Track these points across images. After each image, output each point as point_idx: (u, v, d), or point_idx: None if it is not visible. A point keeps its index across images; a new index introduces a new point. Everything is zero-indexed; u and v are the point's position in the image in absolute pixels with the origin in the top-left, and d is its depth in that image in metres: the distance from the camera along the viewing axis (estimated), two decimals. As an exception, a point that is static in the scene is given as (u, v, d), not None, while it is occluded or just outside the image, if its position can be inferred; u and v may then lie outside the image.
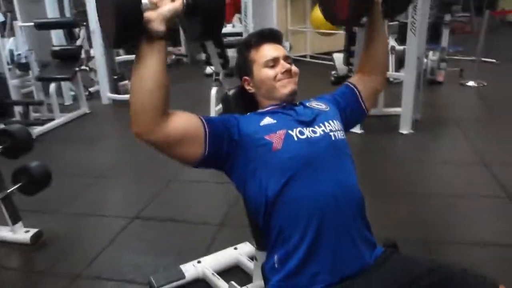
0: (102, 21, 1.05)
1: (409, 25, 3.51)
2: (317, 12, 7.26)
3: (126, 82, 5.82)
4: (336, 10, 1.36)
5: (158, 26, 0.99)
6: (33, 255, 2.24)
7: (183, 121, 1.10)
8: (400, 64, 4.91)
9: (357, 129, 3.80)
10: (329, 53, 5.85)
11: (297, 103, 1.30)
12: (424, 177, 2.96)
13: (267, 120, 1.20)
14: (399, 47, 4.59)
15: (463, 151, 3.34)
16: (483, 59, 5.70)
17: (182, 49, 8.70)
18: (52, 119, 4.47)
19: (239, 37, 4.99)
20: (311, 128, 1.18)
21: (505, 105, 4.58)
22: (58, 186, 2.57)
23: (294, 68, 1.28)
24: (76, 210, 2.68)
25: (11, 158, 2.32)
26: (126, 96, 5.09)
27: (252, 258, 1.99)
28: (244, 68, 1.32)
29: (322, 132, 1.18)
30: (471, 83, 5.46)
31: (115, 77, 5.58)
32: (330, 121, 1.23)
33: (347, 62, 3.90)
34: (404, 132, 3.75)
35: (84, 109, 4.93)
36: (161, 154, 1.11)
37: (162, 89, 1.02)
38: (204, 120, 1.13)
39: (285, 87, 1.25)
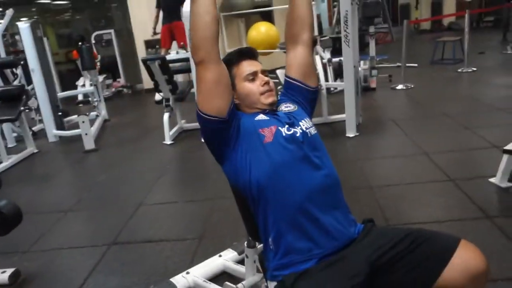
0: None
1: (343, 38, 3.86)
2: (253, 33, 7.61)
3: (72, 117, 5.74)
4: None
5: None
6: (14, 295, 2.20)
7: (228, 73, 1.36)
8: (336, 75, 5.32)
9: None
10: (270, 71, 6.16)
11: (276, 109, 1.48)
12: (376, 171, 3.26)
13: (261, 117, 1.38)
14: (335, 59, 4.98)
15: (404, 145, 3.70)
16: (407, 64, 6.29)
17: (122, 81, 8.67)
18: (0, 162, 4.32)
19: (184, 63, 5.15)
20: (293, 128, 1.37)
21: (431, 102, 5.11)
22: (24, 226, 2.52)
23: (271, 82, 1.46)
24: (49, 246, 2.65)
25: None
26: (73, 132, 5.05)
27: (238, 262, 2.13)
28: None
29: (301, 131, 1.37)
30: (400, 87, 6.01)
31: (60, 113, 5.48)
32: (303, 120, 1.42)
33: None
34: (351, 135, 4.07)
35: (32, 148, 4.80)
36: (203, 86, 1.29)
37: (215, 21, 1.27)
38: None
39: (267, 99, 1.43)
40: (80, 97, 7.65)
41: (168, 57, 4.86)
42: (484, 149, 3.41)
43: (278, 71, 4.63)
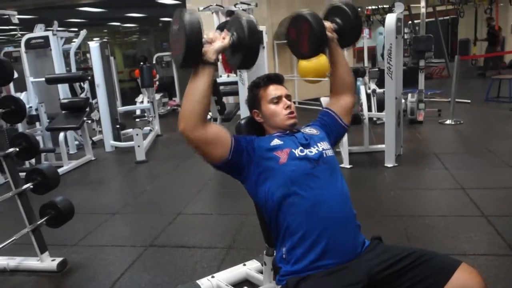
0: (173, 50, 1.44)
1: (386, 70, 3.97)
2: (304, 62, 7.84)
3: (128, 131, 6.19)
4: (300, 48, 1.71)
5: (211, 56, 1.38)
6: (61, 281, 2.46)
7: (217, 129, 1.47)
8: (380, 106, 5.38)
9: (346, 164, 4.16)
10: (317, 99, 6.33)
11: (296, 130, 1.65)
12: (409, 202, 3.28)
13: (276, 142, 1.54)
14: (379, 90, 5.06)
15: (442, 179, 3.69)
16: (457, 100, 6.21)
17: (177, 100, 9.18)
18: (61, 166, 4.76)
19: (234, 86, 5.44)
20: (308, 149, 1.52)
21: (479, 139, 5.01)
22: (75, 223, 2.83)
23: (293, 105, 1.63)
24: (94, 242, 2.93)
25: (40, 194, 2.61)
26: (128, 144, 5.44)
27: (260, 272, 2.27)
28: (254, 102, 1.67)
29: (316, 151, 1.52)
30: (448, 122, 5.93)
31: (118, 126, 5.95)
32: (322, 142, 1.57)
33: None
34: (389, 165, 4.11)
35: (90, 156, 5.24)
36: (195, 149, 1.44)
37: (206, 99, 1.38)
38: (233, 136, 1.51)
39: (289, 120, 1.60)
40: (137, 112, 8.21)
41: (219, 80, 5.17)
42: (525, 189, 3.34)
43: (322, 99, 4.78)
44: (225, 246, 2.72)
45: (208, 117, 5.05)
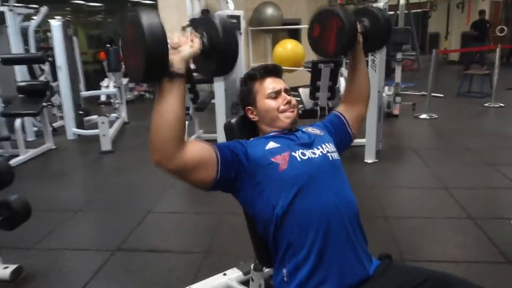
0: (128, 60, 1.15)
1: (370, 62, 3.80)
2: (279, 49, 7.63)
3: (92, 117, 5.80)
4: (323, 45, 1.53)
5: (179, 66, 1.10)
6: (14, 292, 2.17)
7: (198, 150, 1.19)
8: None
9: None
10: (292, 89, 6.14)
11: (295, 129, 1.43)
12: (393, 202, 3.16)
13: (272, 145, 1.32)
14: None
15: (424, 177, 3.60)
16: (432, 94, 6.18)
17: (145, 85, 8.76)
18: (17, 155, 4.36)
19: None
20: (311, 150, 1.31)
21: (455, 135, 4.98)
22: (32, 222, 2.50)
23: (293, 101, 1.41)
24: (54, 245, 2.63)
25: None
26: (92, 132, 5.08)
27: (242, 283, 2.06)
28: (248, 98, 1.44)
29: (320, 154, 1.32)
30: (423, 116, 5.89)
31: (81, 112, 5.55)
32: (326, 144, 1.37)
33: (313, 97, 4.13)
34: (369, 161, 3.98)
35: (50, 144, 4.84)
36: (178, 179, 1.19)
37: (180, 122, 1.12)
38: (216, 148, 1.24)
39: (288, 118, 1.38)
40: (102, 98, 7.76)
41: (192, 66, 4.87)
42: (507, 188, 3.29)
43: (301, 90, 4.59)
44: (201, 250, 2.49)
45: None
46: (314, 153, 1.31)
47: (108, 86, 7.41)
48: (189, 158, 1.15)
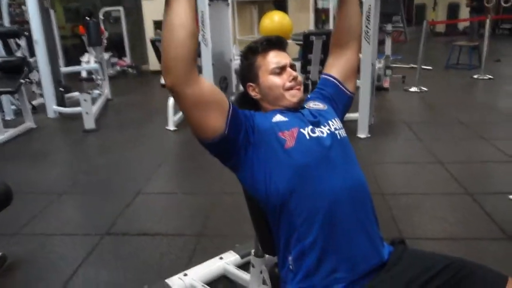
0: None
1: (363, 34, 3.67)
2: (266, 22, 7.40)
3: (74, 94, 5.57)
4: None
5: None
6: (0, 281, 2.05)
7: (212, 86, 1.15)
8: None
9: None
10: (281, 62, 5.99)
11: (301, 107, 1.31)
12: (388, 178, 3.10)
13: (279, 117, 1.22)
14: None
15: (418, 151, 3.54)
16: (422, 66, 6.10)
17: (127, 60, 8.48)
18: (-5, 135, 4.16)
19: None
20: (318, 128, 1.21)
21: (446, 108, 4.93)
22: (15, 206, 2.35)
23: (300, 77, 1.29)
24: (40, 230, 2.50)
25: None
26: (74, 109, 4.88)
27: (240, 266, 1.98)
28: (249, 74, 1.31)
29: (328, 131, 1.21)
30: (413, 89, 5.82)
31: (61, 89, 5.31)
32: (333, 120, 1.26)
33: (304, 70, 4.00)
34: (362, 136, 3.91)
35: (30, 123, 4.63)
36: (188, 115, 1.10)
37: (192, 38, 1.05)
38: (229, 100, 1.17)
39: (294, 96, 1.26)
40: (83, 74, 7.48)
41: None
42: (502, 162, 3.25)
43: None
44: (194, 233, 2.40)
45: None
46: (322, 132, 1.20)
47: (89, 62, 7.11)
48: (206, 87, 1.11)
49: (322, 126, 1.22)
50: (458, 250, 2.13)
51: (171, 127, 4.39)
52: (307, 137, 1.17)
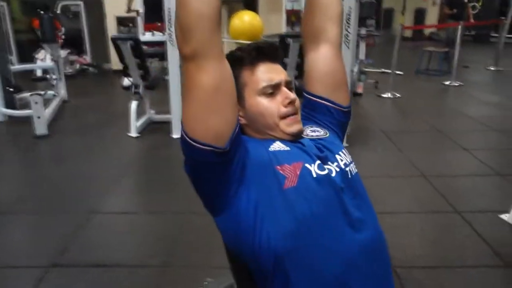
0: None
1: (343, 38, 3.45)
2: (235, 22, 7.11)
3: (25, 95, 5.07)
4: None
5: None
6: None
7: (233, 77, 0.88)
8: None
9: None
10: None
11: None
12: (372, 193, 2.86)
13: (278, 146, 0.93)
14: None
15: (400, 164, 3.34)
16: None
17: (88, 58, 7.95)
18: None
19: (159, 48, 4.61)
20: (326, 166, 0.93)
21: (422, 115, 4.79)
22: None
23: (297, 100, 0.99)
24: (-29, 261, 2.10)
25: None
26: (24, 112, 4.40)
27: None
28: None
29: (338, 169, 0.94)
30: (387, 95, 5.68)
31: (11, 89, 4.81)
32: (341, 153, 0.99)
33: (279, 74, 3.75)
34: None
35: (-28, 128, 4.13)
36: (199, 99, 0.83)
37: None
38: None
39: (291, 126, 0.97)
40: (38, 73, 6.92)
41: (142, 39, 4.30)
42: (486, 176, 3.10)
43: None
44: (159, 263, 2.08)
45: (128, 83, 4.21)
46: (330, 170, 0.93)
47: (44, 59, 6.57)
48: (229, 72, 0.86)
49: (330, 163, 0.94)
50: (456, 280, 1.93)
51: (133, 133, 4.01)
52: (314, 175, 0.90)
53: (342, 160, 0.96)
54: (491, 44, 9.70)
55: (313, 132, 1.04)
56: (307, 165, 0.90)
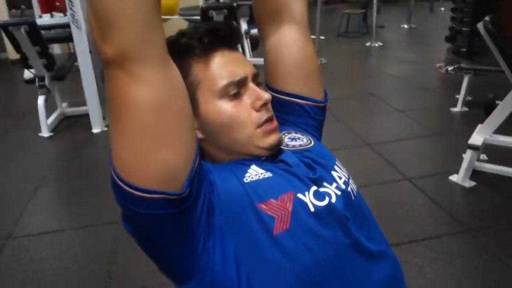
0: None
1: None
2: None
3: None
4: None
5: None
6: None
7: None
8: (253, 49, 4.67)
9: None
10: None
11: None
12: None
13: (255, 172, 0.67)
14: (253, 31, 4.32)
15: (342, 133, 3.23)
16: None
17: (-22, 49, 6.91)
18: None
19: (62, 30, 4.04)
20: (323, 188, 0.69)
21: (352, 80, 4.78)
22: None
23: (267, 95, 0.72)
24: None
25: None
26: None
27: None
28: None
29: (338, 192, 0.70)
30: (314, 61, 5.59)
31: None
32: (336, 167, 0.76)
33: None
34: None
35: None
36: (133, 126, 0.54)
37: None
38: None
39: (268, 136, 0.71)
40: None
41: (39, 22, 3.70)
42: (426, 136, 3.11)
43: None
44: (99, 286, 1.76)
45: (30, 75, 3.63)
46: (329, 195, 0.69)
47: None
48: (178, 80, 0.58)
49: (327, 185, 0.70)
50: (422, 255, 1.85)
51: (45, 133, 3.49)
52: (311, 208, 0.65)
53: (340, 178, 0.73)
54: (400, 4, 10.01)
55: (293, 140, 0.79)
56: (300, 195, 0.65)
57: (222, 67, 0.70)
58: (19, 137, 3.59)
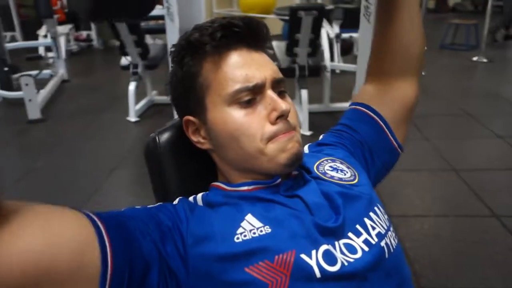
0: None
1: (363, 10, 3.02)
2: (246, -5, 6.66)
3: (22, 74, 4.79)
4: None
5: None
6: None
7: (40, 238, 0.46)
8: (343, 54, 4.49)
9: (305, 130, 3.32)
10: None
11: (298, 172, 0.67)
12: (395, 191, 2.52)
13: (250, 226, 0.56)
14: (345, 35, 4.16)
15: (426, 153, 2.95)
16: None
17: (93, 33, 7.62)
18: None
19: (160, 22, 4.25)
20: (344, 240, 0.58)
21: (451, 97, 4.36)
22: None
23: (293, 110, 0.64)
24: None
25: None
26: (17, 94, 4.12)
27: None
28: (187, 97, 0.66)
29: (366, 247, 0.58)
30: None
31: (6, 68, 4.53)
32: (372, 214, 0.63)
33: (290, 53, 3.37)
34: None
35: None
36: None
37: None
38: (96, 220, 0.52)
39: (283, 151, 0.61)
40: (41, 51, 6.62)
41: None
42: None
43: (274, 43, 3.79)
44: None
45: (126, 62, 3.87)
46: (354, 248, 0.57)
47: (47, 36, 6.26)
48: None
49: (352, 234, 0.58)
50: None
51: (132, 117, 3.71)
52: (317, 274, 0.53)
53: (374, 228, 0.60)
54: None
55: (334, 170, 0.69)
56: (303, 255, 0.54)
57: (235, 69, 0.61)
58: (109, 119, 3.86)
